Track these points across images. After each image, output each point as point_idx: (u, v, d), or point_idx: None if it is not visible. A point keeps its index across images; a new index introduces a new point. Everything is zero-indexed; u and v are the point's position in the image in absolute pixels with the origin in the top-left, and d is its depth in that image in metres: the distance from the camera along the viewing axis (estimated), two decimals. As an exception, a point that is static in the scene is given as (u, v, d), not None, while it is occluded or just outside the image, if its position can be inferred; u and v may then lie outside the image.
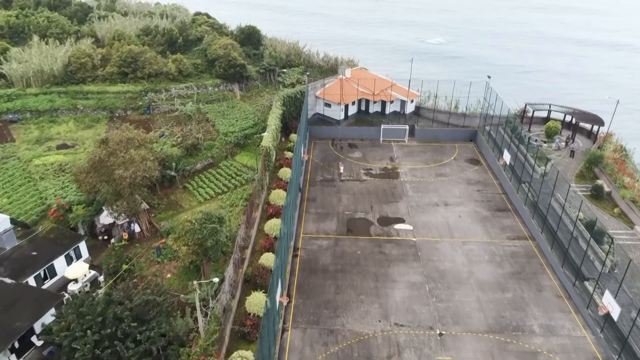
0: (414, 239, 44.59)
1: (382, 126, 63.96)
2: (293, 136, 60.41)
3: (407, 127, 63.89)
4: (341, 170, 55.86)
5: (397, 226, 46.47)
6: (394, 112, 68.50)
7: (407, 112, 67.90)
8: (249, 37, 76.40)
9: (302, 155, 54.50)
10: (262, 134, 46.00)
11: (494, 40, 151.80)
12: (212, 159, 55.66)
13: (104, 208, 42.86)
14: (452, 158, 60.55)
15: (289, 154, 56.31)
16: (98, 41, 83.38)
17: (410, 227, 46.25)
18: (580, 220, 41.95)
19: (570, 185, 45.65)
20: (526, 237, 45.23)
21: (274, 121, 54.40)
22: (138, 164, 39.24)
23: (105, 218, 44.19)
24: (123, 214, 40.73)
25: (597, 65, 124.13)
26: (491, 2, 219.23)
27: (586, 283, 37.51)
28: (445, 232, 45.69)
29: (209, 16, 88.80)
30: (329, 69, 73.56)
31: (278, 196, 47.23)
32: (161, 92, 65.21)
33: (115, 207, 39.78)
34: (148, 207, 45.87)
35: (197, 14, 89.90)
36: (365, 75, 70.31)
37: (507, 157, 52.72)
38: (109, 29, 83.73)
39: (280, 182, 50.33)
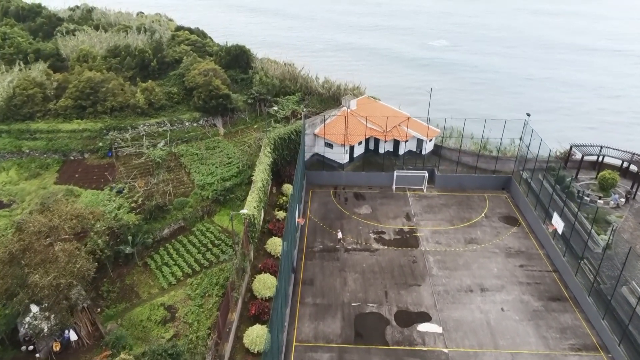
0: (446, 350, 33.66)
1: (396, 172, 53.09)
2: (287, 187, 49.58)
3: (425, 173, 52.99)
4: (339, 236, 45.00)
5: (422, 327, 35.55)
6: (409, 152, 57.62)
7: (425, 153, 56.94)
8: (237, 59, 65.63)
9: (297, 219, 43.56)
10: (241, 212, 35.25)
11: (501, 48, 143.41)
12: (184, 221, 44.82)
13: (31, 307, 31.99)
14: (483, 215, 49.62)
15: (280, 215, 45.43)
16: (62, 61, 72.67)
17: (439, 330, 35.31)
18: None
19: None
20: (596, 346, 34.25)
21: (260, 175, 43.44)
22: (63, 264, 28.25)
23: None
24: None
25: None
26: (497, 7, 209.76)
27: None
28: (486, 337, 34.74)
29: (191, 31, 78.02)
30: (330, 98, 62.72)
31: (264, 284, 36.38)
32: (127, 130, 54.42)
33: (33, 322, 28.88)
34: (89, 302, 34.90)
35: (179, 28, 79.10)
36: (373, 107, 59.47)
37: (557, 223, 41.72)
38: (75, 47, 73.04)
39: (268, 260, 39.42)
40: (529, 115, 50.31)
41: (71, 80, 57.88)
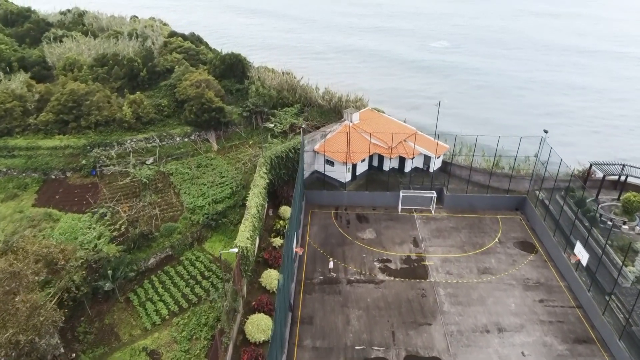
0: (462, 405, 29.94)
1: (402, 192, 49.50)
2: (284, 209, 46.04)
3: (434, 194, 49.39)
4: (330, 266, 41.40)
5: (434, 377, 31.86)
6: (416, 169, 54.00)
7: (433, 170, 53.33)
8: (232, 68, 62.09)
9: (295, 249, 39.95)
10: (231, 250, 31.61)
11: (502, 49, 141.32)
12: (172, 249, 41.25)
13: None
14: (496, 239, 46.01)
15: (276, 242, 41.86)
16: (49, 69, 69.18)
17: (454, 379, 31.63)
18: None
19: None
20: (630, 400, 30.54)
21: (255, 200, 39.81)
22: (24, 318, 24.63)
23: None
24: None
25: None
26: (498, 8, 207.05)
27: None
28: (506, 389, 31.05)
29: (184, 38, 74.45)
30: (331, 110, 59.17)
31: (258, 327, 32.80)
32: (112, 146, 50.86)
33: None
34: (62, 350, 31.29)
35: (172, 34, 75.50)
36: (377, 121, 55.87)
37: (581, 253, 38.07)
38: (62, 55, 69.52)
39: (263, 297, 35.81)
40: (546, 132, 46.73)
41: (54, 92, 54.34)
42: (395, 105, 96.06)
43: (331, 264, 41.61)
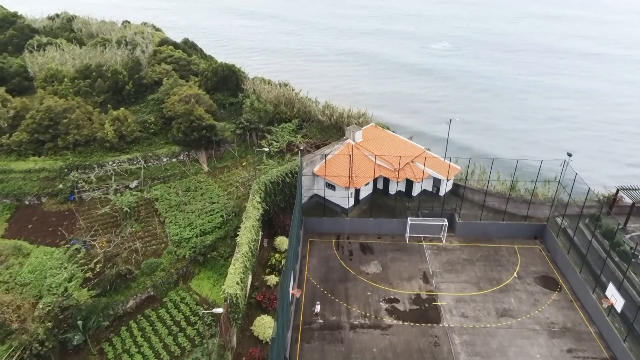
0: None
1: (409, 220, 45.30)
2: (280, 240, 41.94)
3: (445, 221, 45.16)
4: (317, 311, 37.17)
5: None
6: (424, 192, 49.80)
7: (443, 193, 49.14)
8: (225, 81, 57.94)
9: (292, 291, 35.75)
10: (215, 310, 27.33)
11: (503, 53, 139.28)
12: (154, 289, 37.06)
13: None
14: (515, 274, 41.83)
15: (271, 280, 37.71)
16: (30, 80, 65.12)
17: None
18: None
19: None
20: None
21: (247, 236, 35.58)
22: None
23: None
24: None
25: None
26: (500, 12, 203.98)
27: None
28: None
29: (176, 46, 70.30)
30: (332, 126, 54.96)
31: (248, 390, 28.44)
32: (92, 168, 46.70)
33: None
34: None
35: (163, 42, 71.30)
36: (382, 139, 51.72)
37: (615, 297, 33.84)
38: (44, 65, 65.43)
39: (255, 351, 31.66)
40: (570, 155, 42.54)
41: (31, 107, 50.20)
42: (396, 109, 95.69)
43: (317, 308, 37.45)
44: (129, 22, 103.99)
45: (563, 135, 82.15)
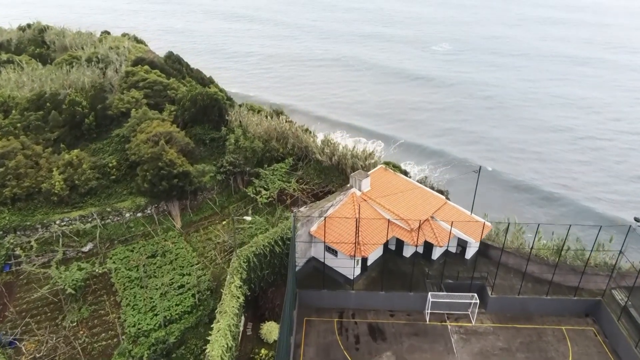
0: None
1: (430, 295, 36.50)
2: (268, 327, 33.17)
3: (475, 297, 36.37)
4: None
5: None
6: (446, 253, 40.97)
7: (469, 256, 40.38)
8: (205, 112, 49.19)
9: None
10: None
11: (504, 58, 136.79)
12: (99, 408, 28.07)
13: None
14: (567, 370, 33.01)
15: (255, 391, 28.87)
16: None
17: None
18: None
19: None
20: None
21: (220, 342, 26.67)
22: None
23: None
24: None
25: None
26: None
27: None
28: None
29: (153, 65, 61.39)
30: (334, 167, 46.22)
31: None
32: (35, 229, 37.75)
33: None
34: None
35: (139, 61, 62.26)
36: (393, 185, 42.98)
37: None
38: (-4, 90, 56.52)
39: None
40: (637, 220, 33.82)
41: (-33, 148, 41.32)
42: (394, 119, 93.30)
43: None
44: (108, 33, 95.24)
45: (567, 157, 76.28)
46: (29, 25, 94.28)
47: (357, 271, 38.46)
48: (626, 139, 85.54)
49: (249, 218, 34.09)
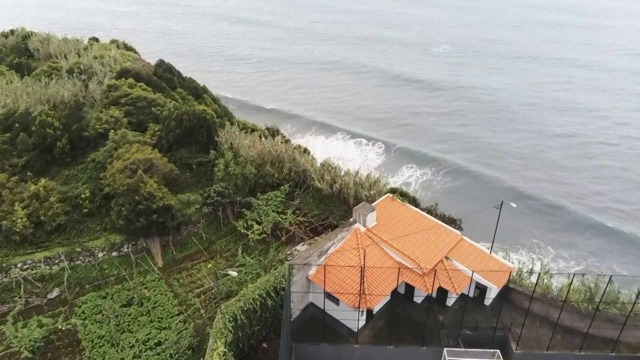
0: None
1: (446, 350, 31.82)
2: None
3: (498, 354, 31.66)
4: None
5: None
6: (462, 297, 36.29)
7: (489, 301, 35.71)
8: (192, 133, 44.45)
9: None
10: None
11: (505, 61, 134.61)
12: None
13: None
14: None
15: None
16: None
17: None
18: None
19: None
20: None
21: None
22: None
23: None
24: None
25: None
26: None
27: None
28: None
29: (138, 78, 56.66)
30: (335, 196, 41.54)
31: None
32: (-8, 274, 32.99)
33: None
34: None
35: (123, 73, 57.41)
36: (402, 220, 38.39)
37: None
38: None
39: None
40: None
41: None
42: (397, 124, 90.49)
43: None
44: (96, 40, 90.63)
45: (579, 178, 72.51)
46: (12, 32, 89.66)
47: (362, 322, 33.76)
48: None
49: (234, 273, 29.46)
